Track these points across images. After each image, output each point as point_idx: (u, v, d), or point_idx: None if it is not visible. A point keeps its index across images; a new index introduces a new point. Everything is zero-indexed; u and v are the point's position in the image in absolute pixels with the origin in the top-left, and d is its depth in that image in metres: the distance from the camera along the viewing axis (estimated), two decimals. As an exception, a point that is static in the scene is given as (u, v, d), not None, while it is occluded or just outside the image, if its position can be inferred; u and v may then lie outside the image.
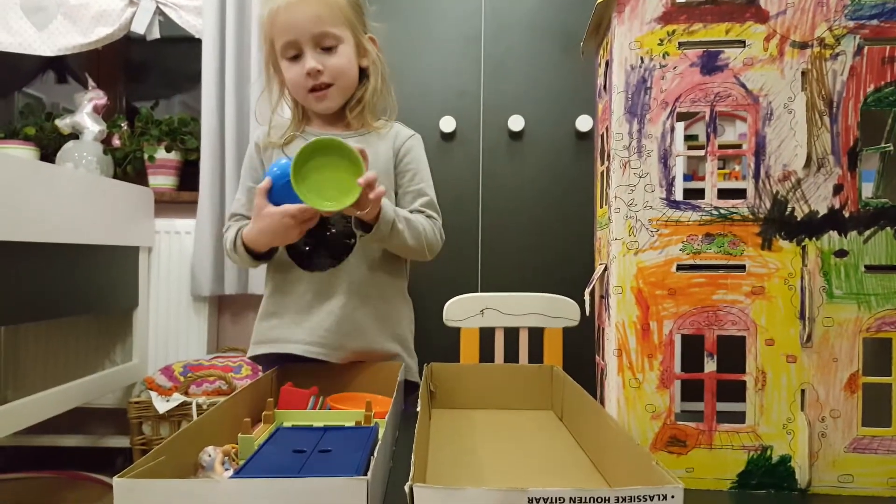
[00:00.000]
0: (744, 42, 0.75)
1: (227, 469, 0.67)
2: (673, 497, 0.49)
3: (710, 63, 0.76)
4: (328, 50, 1.18)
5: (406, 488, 0.49)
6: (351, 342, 1.18)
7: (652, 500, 0.49)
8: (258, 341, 1.25)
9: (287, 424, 0.81)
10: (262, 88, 1.28)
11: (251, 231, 1.12)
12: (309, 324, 1.19)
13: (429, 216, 1.23)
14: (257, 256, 1.18)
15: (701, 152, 0.78)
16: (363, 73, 1.25)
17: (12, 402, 1.63)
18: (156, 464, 0.55)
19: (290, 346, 1.18)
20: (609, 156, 0.80)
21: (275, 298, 1.23)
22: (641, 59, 0.77)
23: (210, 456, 0.67)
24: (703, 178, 2.35)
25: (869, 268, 0.73)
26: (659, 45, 0.76)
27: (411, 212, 1.22)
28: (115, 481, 0.49)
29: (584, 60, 1.03)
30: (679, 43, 0.76)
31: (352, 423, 0.80)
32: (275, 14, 1.17)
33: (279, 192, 1.04)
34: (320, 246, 1.19)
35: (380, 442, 0.63)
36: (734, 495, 0.74)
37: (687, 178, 2.49)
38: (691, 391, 0.84)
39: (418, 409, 0.76)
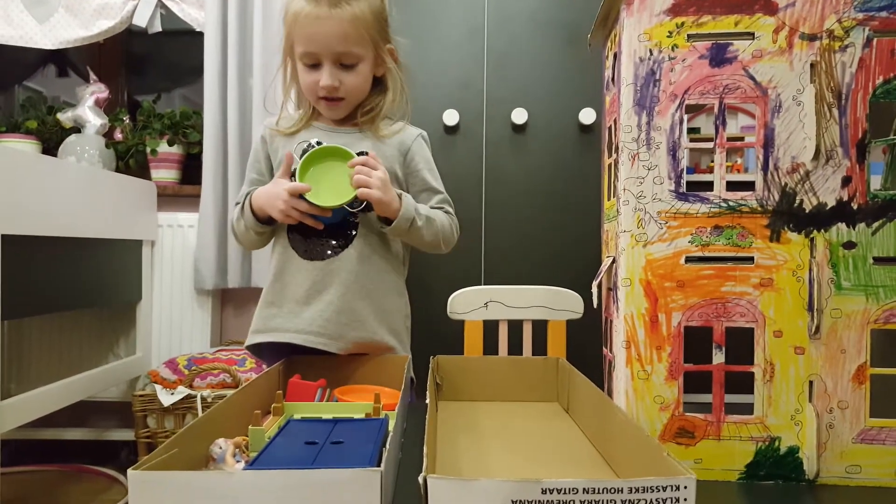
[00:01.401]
0: (753, 34, 0.75)
1: (238, 461, 0.67)
2: (686, 488, 0.49)
3: (718, 55, 0.76)
4: (347, 67, 1.18)
5: (420, 479, 0.49)
6: (350, 332, 1.19)
7: (664, 491, 0.49)
8: (257, 330, 1.25)
9: (297, 417, 0.81)
10: (276, 72, 1.28)
11: (260, 189, 1.20)
12: (308, 314, 1.19)
13: (447, 212, 1.28)
14: (259, 220, 1.20)
15: (709, 144, 0.78)
16: (377, 80, 1.26)
17: (17, 396, 1.63)
18: (169, 456, 0.55)
19: (288, 336, 1.19)
20: (617, 148, 0.80)
21: (274, 288, 1.24)
22: (650, 51, 0.77)
23: (221, 448, 0.67)
24: (705, 171, 2.36)
25: (877, 260, 0.73)
26: (668, 37, 0.76)
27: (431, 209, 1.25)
28: (130, 474, 0.49)
29: (588, 53, 1.03)
30: (688, 35, 0.76)
31: (361, 416, 0.80)
32: (300, 19, 1.15)
33: None
34: (320, 235, 1.19)
35: (391, 434, 0.64)
36: (742, 486, 0.74)
37: (689, 171, 2.49)
38: (694, 383, 0.84)
39: (426, 401, 0.76)
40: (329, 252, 1.19)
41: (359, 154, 1.16)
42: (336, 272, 1.19)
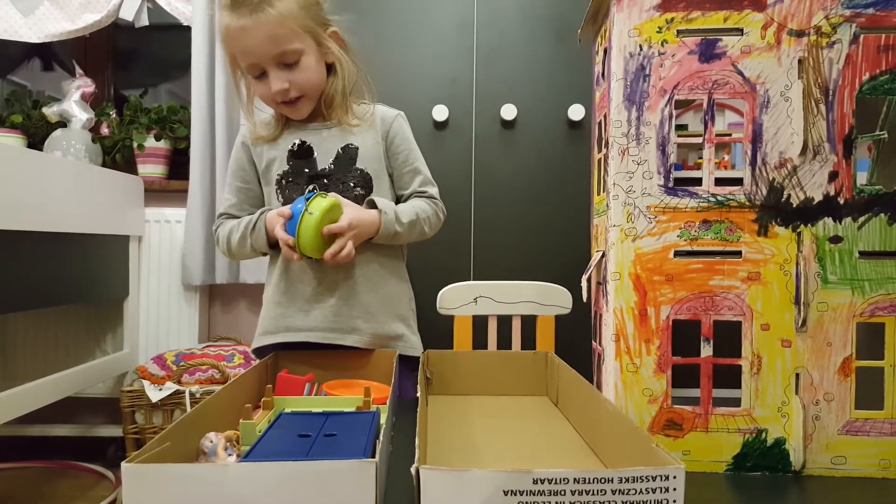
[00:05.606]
0: (741, 30, 0.76)
1: (229, 454, 0.67)
2: (675, 478, 0.50)
3: (708, 51, 0.76)
4: (291, 65, 1.16)
5: (412, 470, 0.50)
6: (363, 324, 1.20)
7: (654, 481, 0.50)
8: (266, 331, 1.24)
9: (288, 411, 0.81)
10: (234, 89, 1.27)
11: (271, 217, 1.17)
12: (318, 310, 1.20)
13: (430, 197, 1.27)
14: (271, 245, 1.21)
15: (698, 139, 0.79)
16: (331, 68, 1.23)
17: (3, 392, 1.61)
18: (161, 450, 0.55)
19: (302, 335, 1.19)
20: (607, 143, 0.81)
21: (280, 287, 1.23)
22: (640, 46, 0.77)
23: (212, 442, 0.67)
24: (692, 168, 2.37)
25: (863, 254, 0.74)
26: (658, 32, 0.77)
27: (412, 194, 1.26)
28: (124, 467, 0.49)
29: (578, 48, 1.03)
30: (678, 31, 0.77)
31: (352, 409, 0.80)
32: (230, 34, 1.14)
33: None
34: None
35: (383, 426, 0.64)
36: (730, 477, 0.75)
37: (677, 167, 2.49)
38: (683, 377, 0.85)
39: (417, 394, 0.77)
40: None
41: (345, 147, 1.21)
42: (341, 267, 1.18)
